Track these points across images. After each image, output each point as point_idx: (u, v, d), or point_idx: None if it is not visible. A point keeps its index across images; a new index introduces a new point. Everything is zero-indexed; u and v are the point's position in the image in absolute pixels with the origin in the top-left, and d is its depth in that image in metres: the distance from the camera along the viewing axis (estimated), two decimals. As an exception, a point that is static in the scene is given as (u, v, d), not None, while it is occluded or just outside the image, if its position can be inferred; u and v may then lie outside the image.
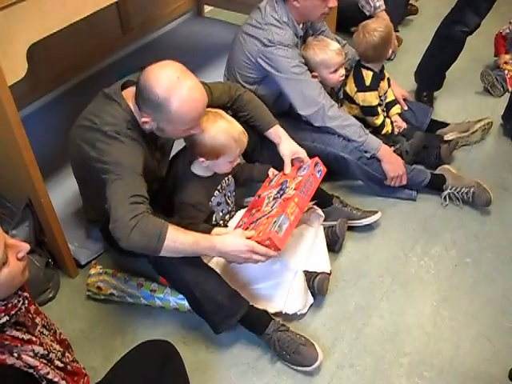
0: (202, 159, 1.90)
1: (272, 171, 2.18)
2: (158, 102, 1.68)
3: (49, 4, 1.71)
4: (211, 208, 2.04)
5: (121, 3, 3.27)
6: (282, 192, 1.99)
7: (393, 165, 2.42)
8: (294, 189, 1.95)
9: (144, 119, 1.76)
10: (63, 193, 2.39)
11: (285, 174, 2.11)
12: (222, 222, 2.11)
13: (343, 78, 2.47)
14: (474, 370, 1.91)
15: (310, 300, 2.06)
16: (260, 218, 1.90)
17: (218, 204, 2.07)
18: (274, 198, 1.98)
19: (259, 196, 2.09)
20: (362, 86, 2.52)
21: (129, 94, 1.81)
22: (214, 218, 2.07)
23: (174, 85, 1.67)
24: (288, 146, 2.15)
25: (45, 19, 1.72)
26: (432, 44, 2.96)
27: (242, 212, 2.12)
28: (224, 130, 1.87)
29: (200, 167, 1.97)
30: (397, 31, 3.58)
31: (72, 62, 3.10)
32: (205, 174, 1.99)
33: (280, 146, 2.16)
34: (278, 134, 2.18)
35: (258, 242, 1.77)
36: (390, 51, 2.55)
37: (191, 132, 1.82)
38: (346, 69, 2.50)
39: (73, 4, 1.79)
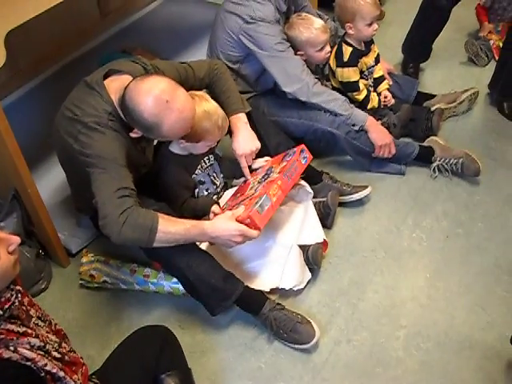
0: (181, 141, 1.89)
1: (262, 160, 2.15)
2: (148, 126, 1.69)
3: (25, -11, 1.67)
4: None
5: (98, -14, 3.22)
6: (266, 177, 2.00)
7: (380, 133, 2.41)
8: (278, 173, 1.95)
9: (134, 134, 1.76)
10: (50, 182, 2.36)
11: (271, 161, 2.10)
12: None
13: (329, 55, 2.45)
14: (470, 339, 1.93)
15: (308, 276, 2.06)
16: (243, 200, 1.90)
17: (201, 183, 2.07)
18: (259, 182, 1.99)
19: (245, 182, 2.10)
20: (340, 62, 2.50)
21: (111, 83, 1.78)
22: (196, 195, 2.07)
23: (164, 110, 1.65)
24: (241, 145, 2.05)
25: (21, 5, 1.67)
26: (418, 15, 2.94)
27: (229, 192, 2.13)
28: (209, 117, 1.86)
29: (177, 146, 1.97)
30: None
31: (51, 49, 3.04)
32: (182, 152, 1.99)
33: (233, 142, 2.07)
34: (235, 124, 2.06)
35: (239, 221, 1.77)
36: (371, 29, 2.43)
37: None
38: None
39: (50, -12, 1.75)
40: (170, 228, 1.69)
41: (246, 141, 2.05)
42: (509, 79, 2.78)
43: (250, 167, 2.11)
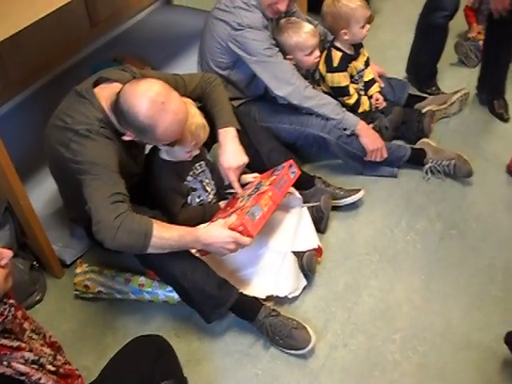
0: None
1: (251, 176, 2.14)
2: (143, 128, 1.68)
3: (15, 0, 1.66)
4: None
5: (87, -5, 3.21)
6: (256, 190, 2.00)
7: (371, 138, 2.41)
8: (269, 185, 1.96)
9: (127, 137, 1.76)
10: (42, 193, 2.35)
11: (260, 177, 2.10)
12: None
13: (318, 59, 2.46)
14: (466, 339, 1.93)
15: (303, 283, 2.06)
16: (234, 211, 1.90)
17: (193, 190, 2.06)
18: (249, 196, 1.99)
19: (234, 197, 2.10)
20: (330, 67, 2.50)
21: (101, 91, 1.78)
22: (189, 202, 2.06)
23: (159, 112, 1.65)
24: (228, 159, 2.01)
25: (12, 16, 1.67)
26: (416, 37, 2.92)
27: (221, 203, 2.12)
28: None
29: (165, 153, 1.96)
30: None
31: (42, 60, 3.03)
32: (172, 158, 1.98)
33: (220, 155, 2.04)
34: (224, 137, 2.03)
35: (232, 229, 1.77)
36: (364, 30, 2.47)
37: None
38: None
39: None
40: (165, 234, 1.69)
41: (233, 154, 2.01)
42: (495, 77, 2.79)
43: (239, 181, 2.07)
